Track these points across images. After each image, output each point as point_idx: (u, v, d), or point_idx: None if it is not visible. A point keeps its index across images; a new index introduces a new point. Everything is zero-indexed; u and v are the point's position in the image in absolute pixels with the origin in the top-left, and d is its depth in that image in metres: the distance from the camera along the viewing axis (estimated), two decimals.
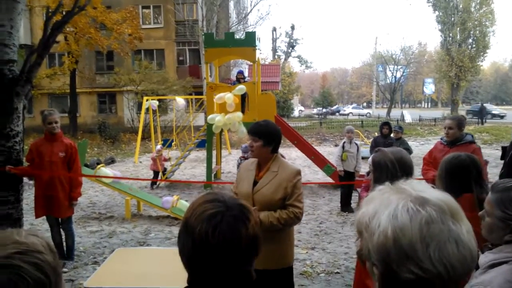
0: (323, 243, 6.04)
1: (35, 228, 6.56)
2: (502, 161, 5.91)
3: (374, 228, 0.88)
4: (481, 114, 28.17)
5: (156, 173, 10.66)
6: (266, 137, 2.87)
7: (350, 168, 7.83)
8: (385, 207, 0.89)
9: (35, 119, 24.52)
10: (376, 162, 2.43)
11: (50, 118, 4.79)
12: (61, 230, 5.14)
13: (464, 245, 0.84)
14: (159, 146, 11.29)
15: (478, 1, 29.25)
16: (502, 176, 5.13)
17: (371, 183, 2.53)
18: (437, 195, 0.90)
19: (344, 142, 7.92)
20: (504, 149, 5.36)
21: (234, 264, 1.11)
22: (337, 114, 51.02)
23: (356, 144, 8.03)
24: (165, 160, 10.91)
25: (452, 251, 0.83)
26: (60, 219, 5.07)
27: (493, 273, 1.52)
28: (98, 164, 10.53)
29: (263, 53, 50.27)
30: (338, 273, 4.95)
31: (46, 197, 4.87)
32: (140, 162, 14.94)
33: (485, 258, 1.64)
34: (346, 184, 7.88)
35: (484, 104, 31.17)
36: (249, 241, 1.12)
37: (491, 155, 13.70)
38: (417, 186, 0.93)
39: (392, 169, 2.30)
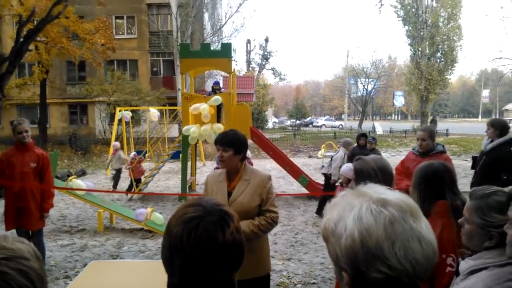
0: (299, 254, 6.04)
1: None
2: (471, 171, 6.10)
3: (340, 232, 0.90)
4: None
5: (137, 181, 10.60)
6: (236, 145, 2.87)
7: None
8: (349, 210, 0.91)
9: (3, 130, 23.87)
10: (358, 170, 2.46)
11: (19, 128, 4.65)
12: (32, 243, 4.97)
13: (426, 241, 0.88)
14: (132, 154, 11.16)
15: (446, 17, 30.21)
16: (473, 184, 5.28)
17: None
18: (396, 196, 0.93)
19: (344, 153, 8.19)
20: (474, 159, 5.53)
21: (210, 270, 1.09)
22: (310, 126, 51.50)
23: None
24: (140, 161, 10.84)
25: (416, 247, 0.86)
26: (30, 232, 4.91)
27: (473, 279, 1.55)
28: (68, 176, 10.30)
29: (238, 65, 50.58)
30: (315, 283, 4.95)
31: (17, 209, 4.71)
32: (112, 174, 14.65)
33: (465, 265, 1.67)
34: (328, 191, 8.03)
35: (435, 118, 32.61)
36: (226, 248, 1.10)
37: (460, 166, 14.07)
38: (376, 188, 0.97)
39: (374, 177, 2.33)
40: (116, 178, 11.33)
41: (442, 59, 30.54)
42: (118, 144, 11.16)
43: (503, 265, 1.52)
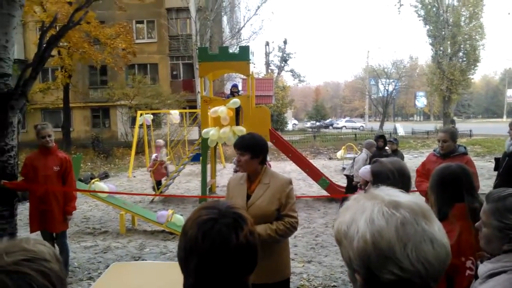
0: (319, 256, 6.02)
1: None
2: (495, 173, 5.98)
3: (353, 235, 0.91)
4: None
5: (158, 183, 10.76)
6: (253, 149, 2.85)
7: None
8: (361, 213, 0.92)
9: (28, 134, 24.36)
10: (376, 173, 2.43)
11: (43, 132, 4.76)
12: (56, 245, 5.09)
13: (438, 242, 0.88)
14: (154, 155, 11.34)
15: (467, 16, 29.68)
16: (496, 186, 5.19)
17: None
18: (408, 198, 0.94)
19: (366, 155, 8.13)
20: (497, 160, 5.43)
21: (224, 271, 1.11)
22: (330, 127, 51.24)
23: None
24: (162, 164, 11.00)
25: (428, 249, 0.87)
26: (54, 234, 5.02)
27: (492, 283, 1.53)
28: (91, 179, 10.50)
29: (256, 67, 50.67)
30: (335, 286, 4.93)
31: (41, 211, 4.82)
32: (134, 176, 14.87)
33: (483, 268, 1.64)
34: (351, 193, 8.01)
35: (453, 119, 32.83)
36: (240, 250, 1.12)
37: (484, 167, 13.81)
38: (388, 191, 0.98)
39: (393, 180, 2.31)
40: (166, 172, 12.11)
41: (464, 59, 30.00)
42: (162, 141, 11.70)
43: None
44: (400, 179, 2.33)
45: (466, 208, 2.34)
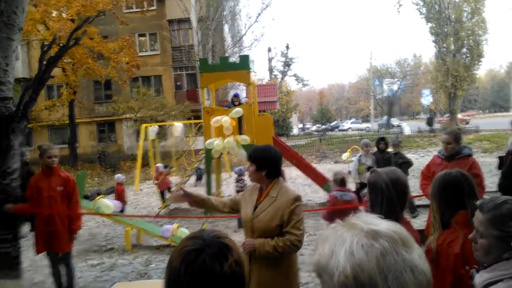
0: None
1: (36, 264, 6.51)
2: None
3: (333, 269, 0.88)
4: (430, 124, 32.10)
5: (161, 193, 10.82)
6: (258, 162, 2.85)
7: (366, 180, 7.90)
8: (341, 245, 0.90)
9: (35, 151, 24.52)
10: (372, 184, 2.40)
11: (50, 152, 4.78)
12: (62, 265, 5.08)
13: (419, 270, 0.86)
14: (158, 165, 11.43)
15: (469, 11, 29.56)
16: (501, 185, 5.11)
17: (368, 205, 2.49)
18: (387, 225, 0.92)
19: (360, 156, 8.12)
20: (501, 159, 5.35)
21: None
22: (336, 130, 51.03)
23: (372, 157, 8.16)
24: (167, 174, 11.07)
25: (409, 279, 0.84)
26: (60, 254, 5.02)
27: None
28: (98, 194, 10.53)
29: (260, 73, 50.72)
30: None
31: (46, 232, 4.81)
32: (141, 189, 14.89)
33: (480, 278, 1.61)
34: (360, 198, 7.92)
35: (432, 116, 34.61)
36: (224, 281, 1.10)
37: (492, 163, 13.60)
38: (367, 219, 0.95)
39: (386, 191, 2.28)
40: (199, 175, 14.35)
41: (468, 55, 29.86)
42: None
43: None
44: (395, 190, 2.29)
45: (469, 215, 2.30)
